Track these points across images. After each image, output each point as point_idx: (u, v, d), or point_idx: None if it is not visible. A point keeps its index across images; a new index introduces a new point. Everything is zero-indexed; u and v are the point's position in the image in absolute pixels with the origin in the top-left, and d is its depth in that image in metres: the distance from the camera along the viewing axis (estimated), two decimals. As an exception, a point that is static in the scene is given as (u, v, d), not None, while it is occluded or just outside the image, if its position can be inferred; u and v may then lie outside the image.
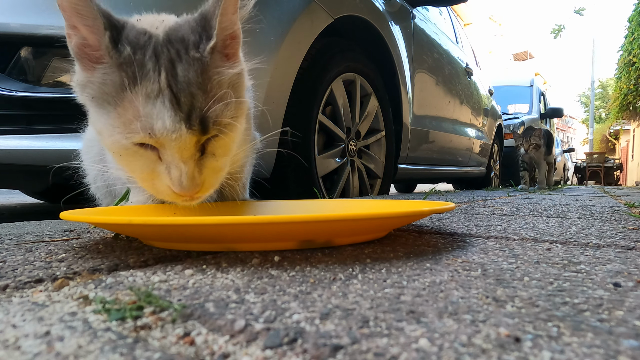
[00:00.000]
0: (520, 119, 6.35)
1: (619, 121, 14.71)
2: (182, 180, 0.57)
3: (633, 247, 0.60)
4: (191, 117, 0.55)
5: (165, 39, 0.58)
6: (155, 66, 0.55)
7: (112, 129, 0.56)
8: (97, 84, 0.56)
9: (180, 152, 0.56)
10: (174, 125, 0.54)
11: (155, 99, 0.54)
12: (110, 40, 0.55)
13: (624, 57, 10.27)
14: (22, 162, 1.13)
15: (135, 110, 0.54)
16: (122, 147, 0.57)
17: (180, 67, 0.56)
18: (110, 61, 0.55)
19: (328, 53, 1.77)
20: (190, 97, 0.55)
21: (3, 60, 1.14)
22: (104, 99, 0.56)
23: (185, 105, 0.55)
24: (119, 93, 0.55)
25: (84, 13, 0.54)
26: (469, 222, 0.90)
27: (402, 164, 2.53)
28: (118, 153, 0.59)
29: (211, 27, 0.58)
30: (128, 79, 0.54)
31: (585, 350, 0.25)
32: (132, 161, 0.59)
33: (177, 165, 0.57)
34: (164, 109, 0.54)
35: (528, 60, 30.64)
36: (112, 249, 0.57)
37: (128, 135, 0.55)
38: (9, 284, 0.39)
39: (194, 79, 0.56)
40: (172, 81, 0.55)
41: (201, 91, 0.56)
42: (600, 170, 13.31)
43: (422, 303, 0.34)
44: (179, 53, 0.57)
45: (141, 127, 0.54)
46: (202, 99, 0.56)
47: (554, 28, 10.87)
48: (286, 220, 0.49)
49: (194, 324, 0.30)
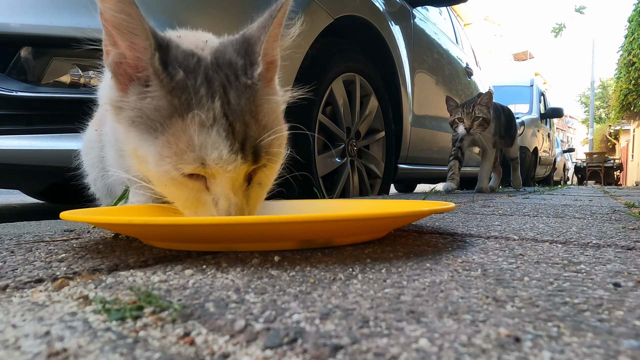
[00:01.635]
0: (520, 119, 6.35)
1: (619, 121, 14.71)
2: (231, 212, 0.54)
3: (633, 247, 0.60)
4: (245, 147, 0.53)
5: (215, 63, 0.55)
6: (208, 92, 0.52)
7: (160, 159, 0.52)
8: (139, 107, 0.53)
9: (231, 183, 0.54)
10: (230, 156, 0.52)
11: (211, 128, 0.51)
12: (160, 62, 0.51)
13: (624, 57, 10.28)
14: (22, 162, 1.13)
15: (188, 139, 0.51)
16: (169, 177, 0.54)
17: (232, 94, 0.53)
18: (158, 85, 0.52)
19: (328, 53, 1.77)
20: (245, 126, 0.53)
21: (3, 60, 1.14)
22: (147, 125, 0.53)
23: (240, 135, 0.52)
24: (168, 119, 0.52)
25: (130, 29, 0.50)
26: (469, 222, 0.90)
27: (402, 164, 2.53)
28: (164, 183, 0.56)
29: (255, 52, 0.56)
30: (180, 106, 0.51)
31: (585, 350, 0.25)
32: (176, 191, 0.56)
33: (227, 196, 0.54)
34: (219, 139, 0.51)
35: (528, 60, 30.65)
36: (112, 249, 0.57)
37: (180, 166, 0.52)
38: (9, 284, 0.39)
39: (246, 107, 0.54)
40: (226, 109, 0.52)
41: (254, 120, 0.54)
42: (600, 170, 13.31)
43: (422, 303, 0.34)
44: (229, 79, 0.54)
45: (195, 158, 0.51)
46: (255, 128, 0.54)
47: (555, 27, 10.87)
48: (286, 220, 0.49)
49: (194, 324, 0.30)
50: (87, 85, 1.20)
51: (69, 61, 1.19)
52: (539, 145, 6.96)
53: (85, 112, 0.97)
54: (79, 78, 1.19)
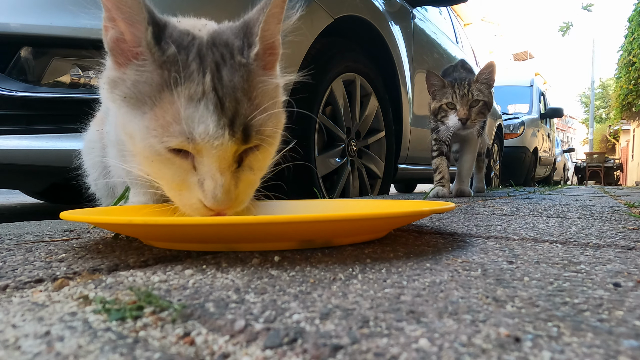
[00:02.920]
0: (520, 118, 6.36)
1: (619, 121, 14.71)
2: (217, 193, 0.52)
3: (633, 247, 0.60)
4: (235, 123, 0.52)
5: (210, 42, 0.55)
6: (199, 67, 0.52)
7: (147, 132, 0.52)
8: (131, 83, 0.53)
9: (218, 162, 0.52)
10: (217, 131, 0.50)
11: (199, 102, 0.50)
12: (153, 36, 0.52)
13: (624, 57, 10.28)
14: (22, 162, 1.13)
15: (175, 112, 0.50)
16: (155, 152, 0.53)
17: (225, 71, 0.53)
18: (150, 58, 0.52)
19: (328, 53, 1.77)
20: (235, 103, 0.52)
21: (3, 60, 1.14)
22: (138, 99, 0.52)
23: (230, 111, 0.51)
24: (157, 93, 0.51)
25: (127, 5, 0.51)
26: (469, 222, 0.90)
27: (402, 164, 2.53)
28: (150, 159, 0.54)
29: (253, 33, 0.56)
30: (170, 79, 0.51)
31: (585, 350, 0.25)
32: (163, 168, 0.55)
33: (213, 176, 0.52)
34: (207, 113, 0.50)
35: (528, 60, 30.65)
36: (112, 249, 0.57)
37: (165, 139, 0.51)
38: (9, 284, 0.39)
39: (239, 84, 0.53)
40: (217, 84, 0.52)
41: (246, 98, 0.53)
42: (600, 170, 13.31)
43: (422, 303, 0.34)
44: (223, 57, 0.54)
45: (180, 131, 0.50)
46: (247, 106, 0.53)
47: (562, 25, 10.88)
48: (286, 220, 0.49)
49: (194, 324, 0.30)
50: (87, 85, 1.20)
51: (69, 61, 1.19)
52: (539, 145, 6.96)
53: (85, 112, 0.97)
54: (79, 78, 1.19)
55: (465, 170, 1.98)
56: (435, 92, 1.82)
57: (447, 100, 1.77)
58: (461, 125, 1.74)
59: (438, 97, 1.82)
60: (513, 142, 6.02)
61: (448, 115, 1.78)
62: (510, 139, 6.01)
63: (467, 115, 1.73)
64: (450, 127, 1.77)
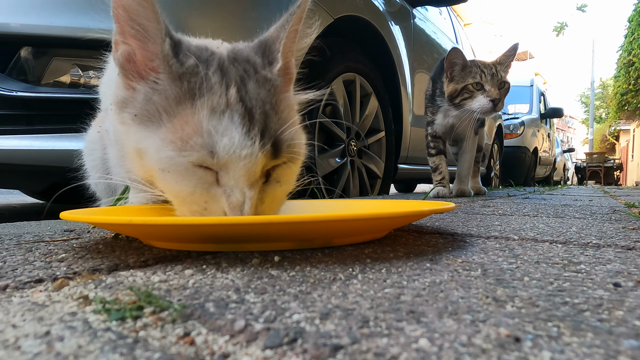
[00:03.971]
0: (520, 118, 6.36)
1: (617, 121, 14.72)
2: (245, 208, 0.49)
3: (633, 247, 0.60)
4: (264, 136, 0.49)
5: (231, 57, 0.53)
6: (222, 80, 0.50)
7: (163, 144, 0.49)
8: (143, 99, 0.51)
9: (247, 175, 0.49)
10: (245, 142, 0.48)
11: (222, 114, 0.48)
12: (171, 48, 0.50)
13: (624, 57, 10.28)
14: (22, 162, 1.13)
15: (196, 124, 0.48)
16: (174, 164, 0.49)
17: (251, 84, 0.51)
18: (167, 71, 0.50)
19: (328, 53, 1.78)
20: (265, 116, 0.50)
21: (3, 60, 1.14)
22: (151, 115, 0.50)
23: (260, 123, 0.49)
24: (175, 107, 0.49)
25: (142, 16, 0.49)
26: (469, 222, 0.90)
27: (402, 164, 2.53)
28: (166, 170, 0.50)
29: (274, 50, 0.55)
30: (190, 91, 0.49)
31: (585, 350, 0.25)
32: (182, 181, 0.50)
33: (241, 190, 0.49)
34: (232, 125, 0.48)
35: (528, 60, 30.63)
36: (112, 249, 0.57)
37: (185, 153, 0.48)
38: (9, 284, 0.39)
39: (267, 98, 0.51)
40: (245, 96, 0.50)
41: (274, 111, 0.51)
42: (600, 170, 13.31)
43: (422, 303, 0.34)
44: (247, 71, 0.52)
45: (202, 144, 0.47)
46: (276, 120, 0.51)
47: (556, 26, 10.88)
48: (286, 220, 0.49)
49: (194, 324, 0.30)
50: (87, 85, 1.20)
51: (69, 61, 1.19)
52: (539, 145, 6.96)
53: (85, 112, 0.97)
54: (79, 78, 1.19)
55: (465, 170, 1.93)
56: (454, 73, 1.67)
57: (473, 80, 1.61)
58: (492, 107, 1.59)
59: (458, 78, 1.66)
60: (513, 142, 6.02)
61: (474, 97, 1.62)
62: (510, 139, 6.01)
63: (499, 95, 1.59)
64: (475, 109, 1.62)
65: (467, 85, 1.64)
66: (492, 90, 1.59)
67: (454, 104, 1.70)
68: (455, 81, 1.68)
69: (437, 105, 1.86)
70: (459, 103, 1.68)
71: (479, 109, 1.62)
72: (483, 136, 2.15)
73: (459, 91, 1.67)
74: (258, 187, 0.51)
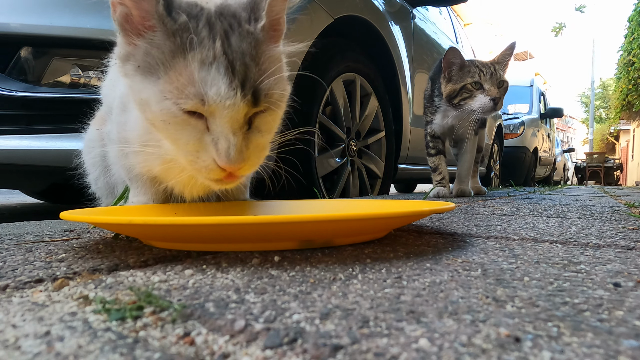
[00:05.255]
0: (520, 118, 6.36)
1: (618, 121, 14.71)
2: (230, 152, 0.56)
3: (633, 247, 0.60)
4: (245, 86, 0.55)
5: (218, 12, 0.58)
6: (210, 34, 0.55)
7: (161, 96, 0.55)
8: (143, 53, 0.56)
9: (230, 122, 0.55)
10: (229, 92, 0.54)
11: (210, 66, 0.54)
12: (165, 8, 0.55)
13: (624, 57, 10.28)
14: (22, 162, 1.13)
15: (189, 75, 0.54)
16: (170, 114, 0.56)
17: (234, 38, 0.56)
18: (162, 29, 0.55)
19: (328, 53, 1.77)
20: (245, 67, 0.55)
21: (3, 60, 1.14)
22: (151, 67, 0.56)
23: (240, 74, 0.55)
24: (170, 60, 0.55)
25: None
26: (469, 222, 0.90)
27: (402, 164, 2.53)
28: (166, 122, 0.57)
29: (260, 8, 0.59)
30: (182, 46, 0.54)
31: (585, 350, 0.25)
32: (179, 131, 0.57)
33: (226, 136, 0.56)
34: (218, 76, 0.54)
35: (528, 60, 30.62)
36: (112, 249, 0.57)
37: (180, 101, 0.54)
38: (9, 284, 0.39)
39: (247, 50, 0.56)
40: (227, 49, 0.55)
41: (254, 63, 0.57)
42: (600, 170, 13.31)
43: (422, 303, 0.34)
44: (231, 26, 0.57)
45: (195, 93, 0.53)
46: (255, 71, 0.57)
47: (555, 26, 10.84)
48: (286, 220, 0.49)
49: (194, 324, 0.30)
50: (87, 85, 1.20)
51: (69, 61, 1.19)
52: (539, 145, 6.97)
53: (85, 112, 0.97)
54: (79, 78, 1.19)
55: (465, 170, 1.92)
56: (452, 73, 1.67)
57: (472, 79, 1.61)
58: (493, 106, 1.58)
59: (456, 78, 1.66)
60: (513, 142, 6.02)
61: (473, 96, 1.62)
62: (510, 139, 6.01)
63: (499, 94, 1.58)
64: (476, 109, 1.61)
65: (466, 84, 1.64)
66: (491, 89, 1.59)
67: (453, 105, 1.70)
68: (454, 81, 1.68)
69: (436, 106, 1.87)
70: (458, 103, 1.68)
71: (479, 108, 1.62)
72: (483, 137, 2.15)
73: (457, 91, 1.66)
74: (241, 134, 0.57)
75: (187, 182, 0.72)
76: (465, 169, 1.92)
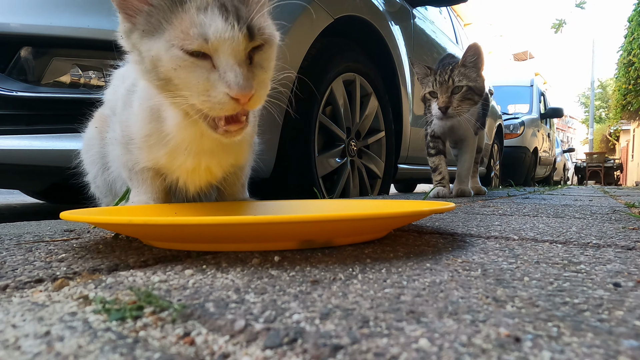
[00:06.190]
0: (520, 118, 6.36)
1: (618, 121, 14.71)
2: (239, 80, 0.61)
3: (633, 247, 0.60)
4: (239, 22, 0.61)
5: None
6: None
7: (169, 45, 0.61)
8: (144, 20, 0.63)
9: (234, 54, 0.61)
10: (226, 27, 0.60)
11: (206, 10, 0.61)
12: None
13: (624, 57, 10.28)
14: (22, 162, 1.13)
15: (189, 22, 0.60)
16: (179, 59, 0.61)
17: None
18: None
19: (328, 53, 1.77)
20: (235, 7, 0.62)
21: (3, 60, 1.14)
22: (155, 27, 0.63)
23: (232, 13, 0.61)
24: (170, 15, 0.61)
25: None
26: (469, 222, 0.90)
27: (402, 164, 2.53)
28: (176, 68, 0.62)
29: None
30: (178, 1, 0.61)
31: (585, 350, 0.25)
32: (189, 73, 0.62)
33: (232, 67, 0.61)
34: (214, 16, 0.60)
35: (528, 60, 30.63)
36: (112, 249, 0.57)
37: (185, 43, 0.60)
38: (9, 284, 0.39)
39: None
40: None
41: (243, 4, 0.64)
42: (600, 170, 13.31)
43: (422, 303, 0.34)
44: None
45: (197, 34, 0.60)
46: (245, 10, 0.63)
47: (555, 23, 10.80)
48: (286, 220, 0.49)
49: (194, 324, 0.30)
50: (87, 85, 1.20)
51: (69, 61, 1.19)
52: (539, 145, 6.97)
53: (85, 112, 0.97)
54: (79, 78, 1.19)
55: (465, 170, 1.93)
56: (421, 80, 1.77)
57: (429, 89, 1.70)
58: (442, 115, 1.64)
59: (423, 86, 1.76)
60: (513, 142, 6.02)
61: (431, 104, 1.70)
62: (510, 139, 6.01)
63: (447, 103, 1.63)
64: (434, 115, 1.70)
65: (425, 94, 1.76)
66: (440, 98, 1.66)
67: (426, 109, 1.84)
68: (423, 88, 1.80)
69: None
70: (427, 108, 1.81)
71: (434, 116, 1.73)
72: (483, 137, 2.14)
73: (423, 99, 1.81)
74: (245, 66, 0.63)
75: (191, 170, 0.76)
76: (465, 169, 1.94)
